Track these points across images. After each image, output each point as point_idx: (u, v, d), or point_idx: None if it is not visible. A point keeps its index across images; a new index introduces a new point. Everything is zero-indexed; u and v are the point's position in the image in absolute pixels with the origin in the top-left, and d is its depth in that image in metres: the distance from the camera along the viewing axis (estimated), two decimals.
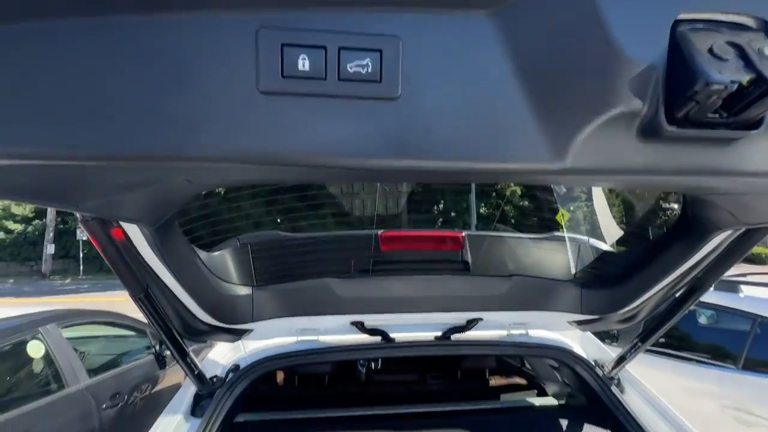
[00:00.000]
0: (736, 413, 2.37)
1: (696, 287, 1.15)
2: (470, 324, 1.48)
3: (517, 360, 2.69)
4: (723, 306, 2.74)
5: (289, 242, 1.32)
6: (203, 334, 1.26)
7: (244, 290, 1.23)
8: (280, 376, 2.76)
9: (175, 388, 1.64)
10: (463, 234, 1.37)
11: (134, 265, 0.92)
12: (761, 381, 2.36)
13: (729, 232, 0.99)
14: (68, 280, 19.29)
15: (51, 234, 20.58)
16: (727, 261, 1.07)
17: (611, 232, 1.44)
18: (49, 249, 20.36)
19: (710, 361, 2.69)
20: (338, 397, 1.90)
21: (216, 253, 1.22)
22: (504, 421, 1.62)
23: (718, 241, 1.02)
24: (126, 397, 3.15)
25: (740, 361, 2.52)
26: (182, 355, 1.17)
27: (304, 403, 1.79)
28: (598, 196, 1.70)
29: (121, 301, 4.25)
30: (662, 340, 3.15)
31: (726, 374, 2.55)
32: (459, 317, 1.46)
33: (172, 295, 1.04)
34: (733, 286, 2.83)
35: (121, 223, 0.81)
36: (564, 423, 1.51)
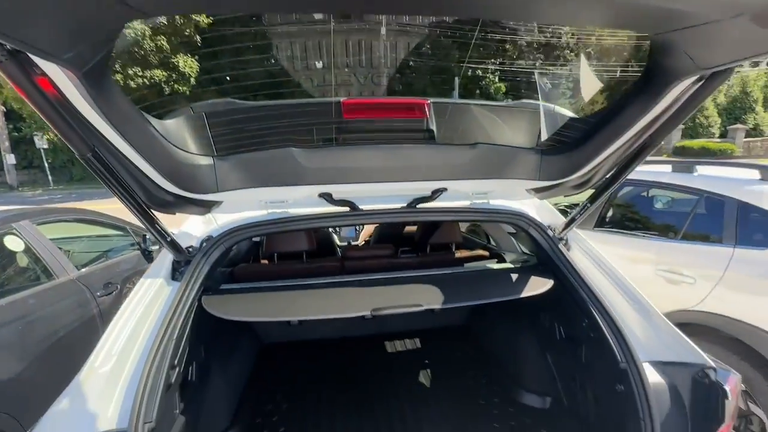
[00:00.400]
0: (667, 275, 2.73)
1: (646, 144, 1.20)
2: (435, 194, 1.55)
3: (482, 237, 2.91)
4: (677, 185, 2.93)
5: (246, 110, 1.26)
6: (170, 205, 1.28)
7: (204, 160, 1.21)
8: (258, 256, 2.93)
9: None
10: (429, 101, 1.33)
11: (74, 122, 0.87)
12: (693, 247, 2.67)
13: (686, 83, 1.00)
14: (39, 191, 18.69)
15: (6, 143, 19.20)
16: (678, 116, 1.10)
17: (580, 97, 1.44)
18: (10, 159, 19.20)
19: (654, 235, 2.99)
20: (315, 271, 2.05)
21: (169, 120, 1.17)
22: (465, 278, 1.82)
23: (674, 95, 1.03)
24: (119, 287, 3.33)
25: (680, 233, 2.80)
26: (151, 222, 1.20)
27: (281, 275, 1.93)
28: (583, 69, 1.64)
29: (99, 210, 4.19)
30: (619, 221, 3.45)
31: (665, 244, 2.85)
32: (424, 187, 1.51)
33: (125, 159, 1.02)
34: (689, 167, 2.99)
35: (43, 68, 0.74)
36: (515, 277, 1.71)
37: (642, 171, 3.33)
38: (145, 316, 1.26)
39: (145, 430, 1.02)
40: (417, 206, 1.57)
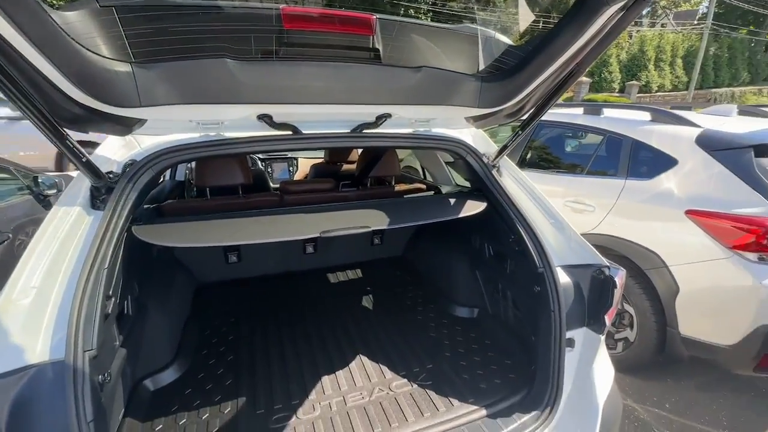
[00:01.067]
0: (573, 204, 3.15)
1: (573, 72, 1.31)
2: (379, 120, 1.54)
3: (419, 174, 3.03)
4: (586, 125, 3.28)
5: (168, 8, 1.09)
6: (82, 120, 1.10)
7: (121, 66, 1.04)
8: (184, 194, 2.73)
9: None
10: (375, 17, 1.28)
11: None
12: (595, 180, 3.09)
13: (613, 9, 1.08)
14: None
15: None
16: (603, 44, 1.21)
17: (519, 24, 1.49)
18: None
19: (565, 172, 3.38)
20: (251, 204, 1.97)
21: (70, 12, 0.96)
22: (407, 204, 1.91)
23: (602, 21, 1.12)
24: (10, 236, 2.88)
25: (586, 169, 3.20)
26: (60, 139, 1.03)
27: (214, 210, 1.83)
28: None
29: None
30: (536, 162, 3.80)
31: (573, 178, 3.25)
32: (368, 112, 1.50)
33: (14, 52, 0.83)
34: (597, 110, 3.35)
35: None
36: (453, 201, 1.84)
37: (558, 113, 3.66)
38: (64, 247, 1.12)
39: (86, 359, 0.96)
40: (361, 132, 1.56)
